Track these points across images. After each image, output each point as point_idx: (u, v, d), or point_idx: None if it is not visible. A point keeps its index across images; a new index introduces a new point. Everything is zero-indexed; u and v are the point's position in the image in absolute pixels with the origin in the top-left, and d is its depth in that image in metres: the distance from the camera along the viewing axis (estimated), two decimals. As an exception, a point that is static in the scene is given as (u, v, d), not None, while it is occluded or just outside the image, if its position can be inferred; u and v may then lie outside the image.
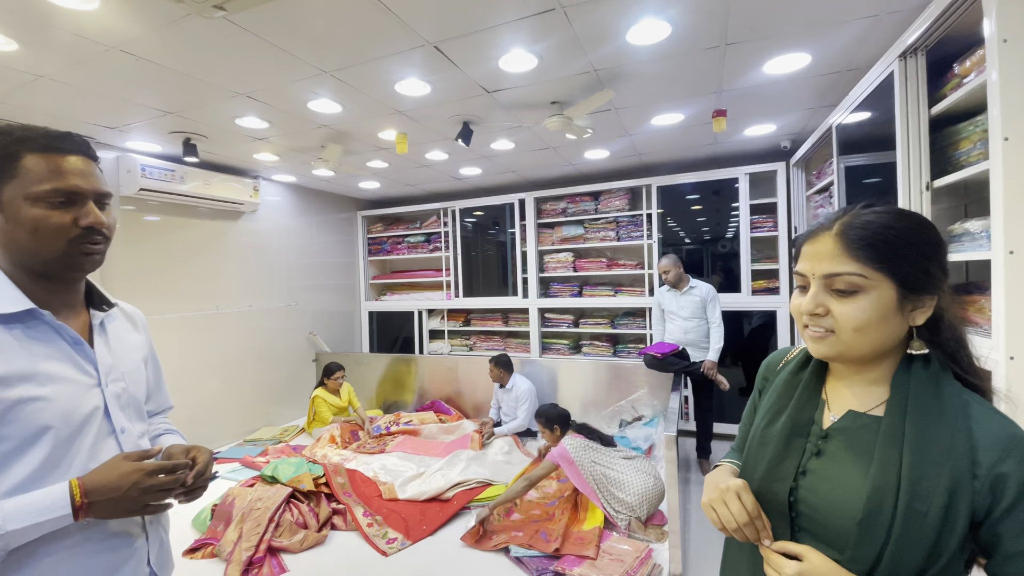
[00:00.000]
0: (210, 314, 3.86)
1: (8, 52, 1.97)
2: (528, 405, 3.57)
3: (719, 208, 4.18)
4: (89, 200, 0.82)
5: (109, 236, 0.86)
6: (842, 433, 0.73)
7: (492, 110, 2.80)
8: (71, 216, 0.81)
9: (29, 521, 0.71)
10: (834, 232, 0.71)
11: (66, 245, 0.81)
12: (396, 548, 2.35)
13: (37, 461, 0.77)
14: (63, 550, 0.79)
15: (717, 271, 4.20)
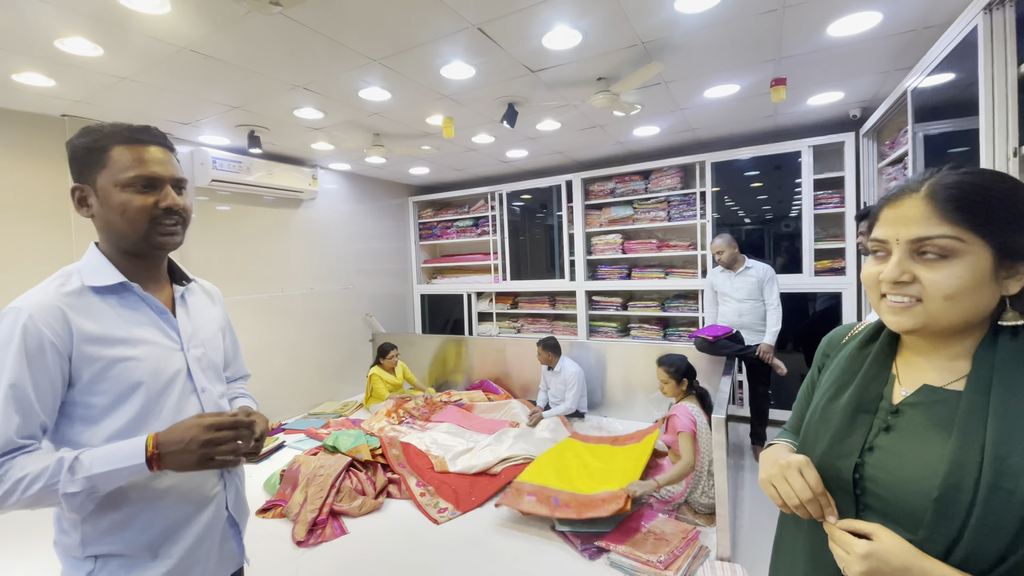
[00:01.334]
0: (276, 296, 4.13)
1: (96, 57, 2.17)
2: (577, 389, 3.58)
3: (780, 184, 3.95)
4: (167, 184, 0.93)
5: (186, 218, 0.97)
6: (916, 408, 0.69)
7: (537, 90, 2.78)
8: (152, 199, 0.91)
9: (110, 467, 0.80)
10: (923, 194, 0.66)
11: (148, 225, 0.91)
12: (447, 517, 2.47)
13: (132, 412, 0.88)
14: (155, 496, 0.90)
15: (779, 251, 3.99)
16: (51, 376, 0.83)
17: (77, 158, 0.91)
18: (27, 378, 0.80)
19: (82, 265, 0.93)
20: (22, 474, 0.77)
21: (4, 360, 0.80)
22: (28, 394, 0.80)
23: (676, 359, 2.66)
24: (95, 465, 0.79)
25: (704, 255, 4.08)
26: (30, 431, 0.81)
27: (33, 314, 0.82)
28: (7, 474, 0.77)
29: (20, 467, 0.77)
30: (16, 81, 2.33)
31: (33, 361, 0.81)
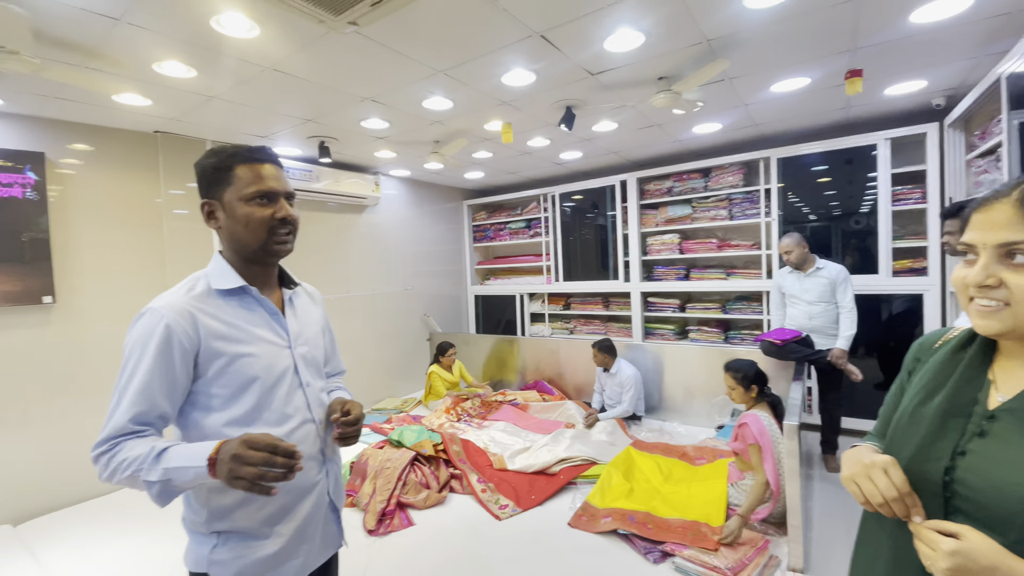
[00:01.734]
0: (342, 297, 4.35)
1: (189, 78, 2.38)
2: (633, 391, 3.55)
3: (851, 179, 3.73)
4: (281, 197, 1.04)
5: (296, 227, 1.08)
6: (1014, 414, 0.69)
7: (595, 92, 2.79)
8: (270, 211, 1.02)
9: (182, 463, 0.86)
10: (1013, 199, 0.67)
11: (267, 235, 1.02)
12: (508, 514, 2.52)
13: (249, 404, 0.99)
14: None
15: (849, 250, 3.78)
16: (177, 371, 0.93)
17: (206, 176, 1.03)
18: (156, 372, 0.91)
19: (209, 271, 1.04)
20: (124, 457, 0.87)
21: (141, 355, 0.91)
22: (153, 386, 0.91)
23: (744, 364, 2.57)
24: (173, 460, 0.86)
25: (769, 255, 3.93)
26: (147, 419, 0.91)
27: (166, 315, 0.93)
28: (116, 455, 0.87)
29: (127, 450, 0.87)
30: (116, 101, 2.58)
31: (163, 357, 0.92)
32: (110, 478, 0.88)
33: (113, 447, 0.88)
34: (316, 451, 1.09)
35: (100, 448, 0.89)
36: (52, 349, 2.77)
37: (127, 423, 0.89)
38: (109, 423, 0.90)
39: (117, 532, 2.48)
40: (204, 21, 1.86)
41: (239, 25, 1.90)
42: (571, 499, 2.63)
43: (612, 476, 2.69)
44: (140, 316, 0.95)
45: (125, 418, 0.89)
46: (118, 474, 0.87)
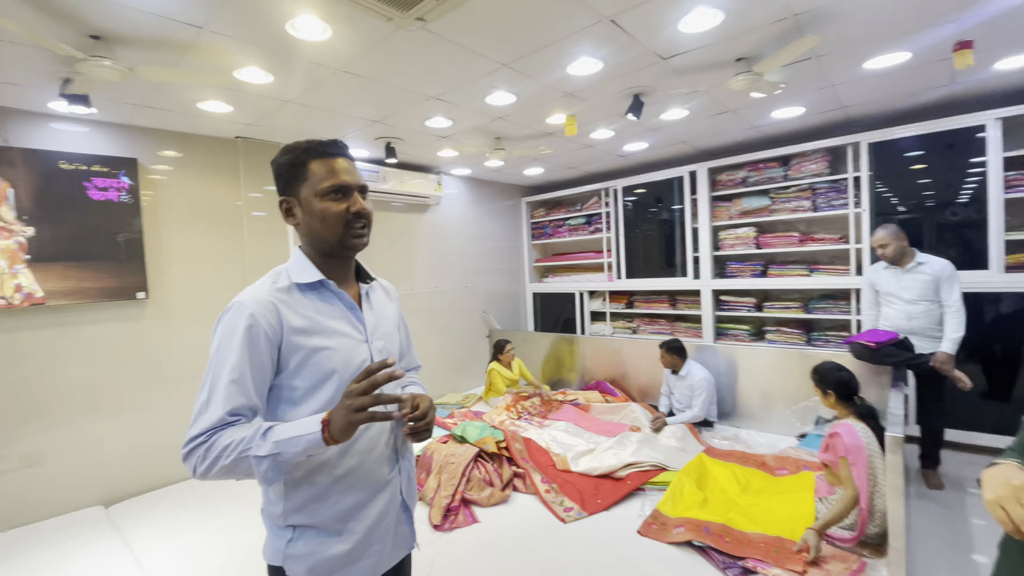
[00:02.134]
0: (407, 293, 4.45)
1: (266, 84, 2.48)
2: (705, 396, 3.35)
3: (952, 165, 3.33)
4: (355, 191, 1.03)
5: (370, 221, 1.07)
6: None
7: (666, 78, 2.64)
8: (345, 205, 1.01)
9: (293, 433, 0.86)
10: None
11: (343, 229, 1.02)
12: (573, 517, 2.44)
13: (327, 397, 0.98)
14: (340, 476, 1.00)
15: (947, 242, 3.38)
16: (263, 362, 0.94)
17: (282, 174, 1.03)
18: (246, 364, 0.92)
19: (289, 265, 1.05)
20: (227, 442, 0.86)
21: (230, 347, 0.92)
22: (247, 378, 0.92)
23: (826, 369, 2.37)
24: (283, 432, 0.88)
25: (859, 249, 3.59)
26: (242, 411, 0.92)
27: (252, 308, 0.94)
28: (215, 443, 0.86)
29: (227, 436, 0.87)
30: (200, 108, 2.75)
31: (252, 349, 0.92)
32: (208, 470, 0.86)
33: (210, 437, 0.87)
34: (389, 448, 1.08)
35: (196, 440, 0.88)
36: (144, 341, 3.00)
37: (224, 415, 0.89)
38: (203, 416, 0.89)
39: (202, 516, 2.64)
40: (280, 26, 1.92)
41: (312, 28, 1.94)
42: (639, 506, 2.51)
43: (684, 484, 2.55)
44: (227, 310, 0.97)
45: (222, 410, 0.89)
46: (220, 461, 0.86)
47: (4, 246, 2.51)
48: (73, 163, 2.71)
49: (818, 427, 3.18)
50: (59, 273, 2.67)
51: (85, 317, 2.80)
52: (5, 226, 2.52)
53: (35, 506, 2.63)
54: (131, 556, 2.27)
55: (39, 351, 2.66)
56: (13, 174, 2.53)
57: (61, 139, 2.74)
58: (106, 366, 2.87)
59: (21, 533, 2.50)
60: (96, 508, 2.75)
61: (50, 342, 2.69)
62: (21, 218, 2.55)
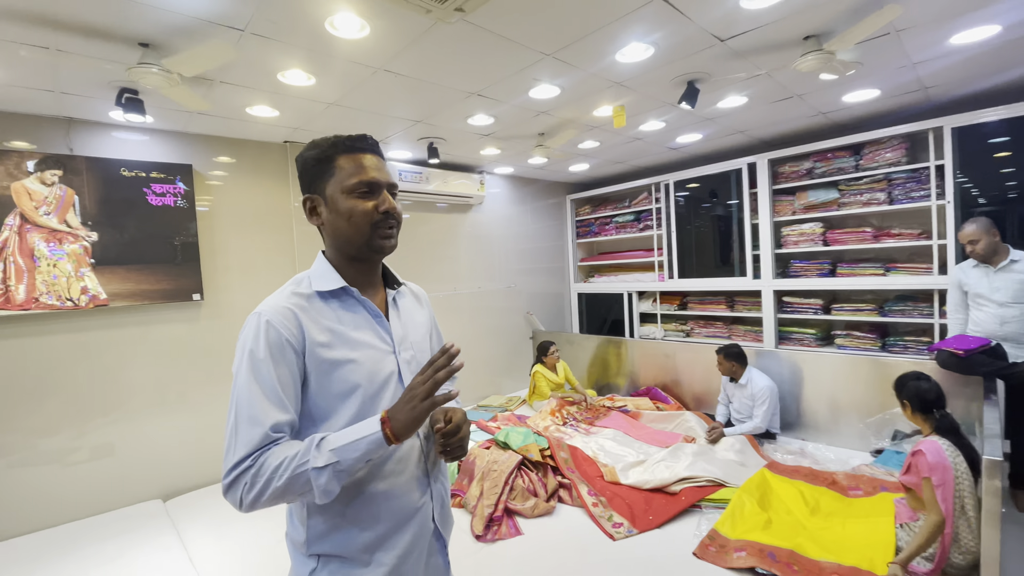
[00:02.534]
0: (450, 295, 4.41)
1: (309, 86, 2.48)
2: (768, 406, 3.09)
3: None
4: (384, 189, 0.96)
5: (399, 221, 0.99)
6: None
7: (724, 61, 2.44)
8: (373, 203, 0.94)
9: (351, 438, 0.82)
10: None
11: (371, 229, 0.94)
12: (623, 534, 2.30)
13: (350, 414, 0.90)
14: (366, 500, 0.91)
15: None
16: (293, 372, 0.87)
17: (307, 170, 0.96)
18: (275, 376, 0.85)
19: (311, 271, 0.98)
20: (277, 461, 0.79)
21: (256, 361, 0.85)
22: (279, 390, 0.85)
23: (905, 377, 2.12)
24: (338, 440, 0.82)
25: (943, 245, 3.22)
26: (283, 427, 0.85)
27: (271, 317, 0.87)
28: (264, 465, 0.79)
29: (276, 455, 0.81)
30: (249, 113, 2.79)
31: (279, 359, 0.86)
32: (258, 498, 0.79)
33: (256, 460, 0.80)
34: (420, 470, 0.99)
35: (240, 467, 0.80)
36: (201, 341, 3.09)
37: (267, 431, 0.82)
38: (240, 440, 0.81)
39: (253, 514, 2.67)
40: (319, 24, 1.89)
41: (351, 25, 1.90)
42: (695, 524, 2.33)
43: (745, 502, 2.34)
44: (246, 324, 0.90)
45: (263, 427, 0.82)
46: (273, 483, 0.79)
47: (71, 251, 2.64)
48: (133, 170, 2.82)
49: (896, 443, 2.87)
50: (121, 276, 2.78)
51: (145, 318, 2.91)
52: (71, 231, 2.65)
53: (102, 497, 2.76)
54: (184, 554, 2.33)
55: (105, 350, 2.79)
56: (78, 182, 2.65)
57: (122, 147, 2.86)
58: (166, 364, 2.99)
59: (86, 524, 2.62)
60: (155, 502, 2.86)
61: (114, 342, 2.82)
62: (86, 224, 2.68)
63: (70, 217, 2.64)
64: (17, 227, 2.53)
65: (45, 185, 2.58)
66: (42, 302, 2.57)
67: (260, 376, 0.84)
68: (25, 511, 2.55)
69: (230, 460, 0.81)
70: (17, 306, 2.52)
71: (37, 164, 2.56)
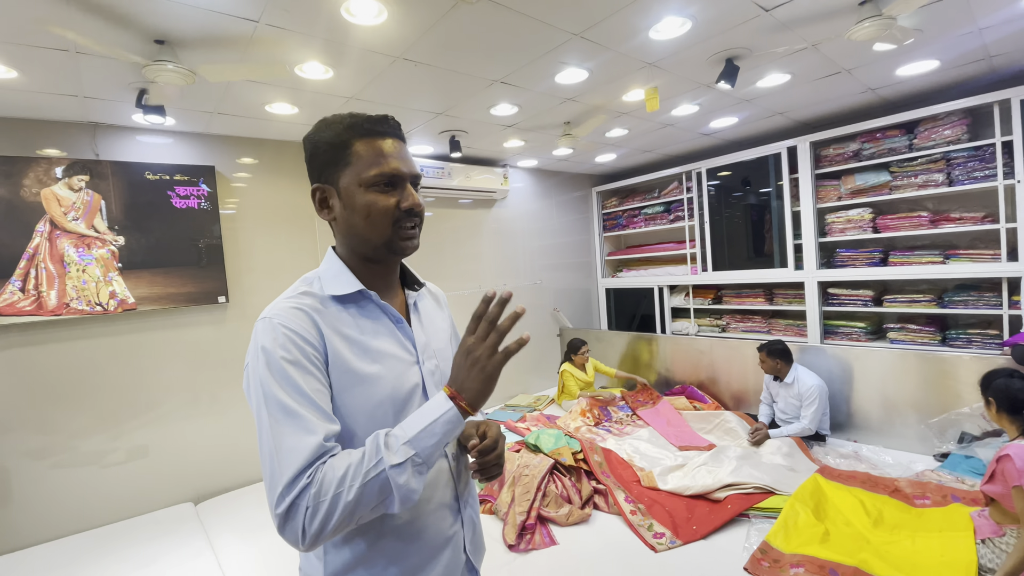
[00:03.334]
0: (474, 292, 4.31)
1: (327, 80, 2.39)
2: (817, 406, 2.88)
3: None
4: (407, 182, 0.83)
5: (423, 218, 0.86)
6: None
7: (766, 35, 2.25)
8: (394, 199, 0.82)
9: (423, 424, 0.71)
10: None
11: (391, 228, 0.82)
12: (665, 545, 2.15)
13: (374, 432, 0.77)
14: (394, 533, 0.81)
15: None
16: (323, 381, 0.76)
17: (318, 155, 0.83)
18: (306, 385, 0.73)
19: (321, 272, 0.87)
20: (340, 472, 0.67)
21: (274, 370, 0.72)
22: (315, 400, 0.73)
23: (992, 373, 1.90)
24: (408, 430, 0.72)
25: (1012, 229, 2.94)
26: (334, 436, 0.72)
27: (285, 321, 0.76)
28: (326, 478, 0.67)
29: (336, 467, 0.68)
30: (268, 111, 2.73)
31: (305, 368, 0.74)
32: (327, 520, 0.65)
33: (314, 476, 0.67)
34: (450, 495, 0.88)
35: (296, 487, 0.66)
36: (227, 343, 3.07)
37: (320, 441, 0.69)
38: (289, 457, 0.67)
39: (280, 517, 2.64)
40: (335, 11, 1.80)
41: (368, 10, 1.81)
42: (744, 535, 2.17)
43: (799, 512, 2.16)
44: (257, 332, 0.77)
45: (316, 436, 0.69)
46: (343, 497, 0.66)
47: (99, 255, 2.64)
48: (157, 173, 2.80)
49: (964, 446, 2.63)
50: (148, 280, 2.78)
51: (172, 321, 2.90)
52: (99, 236, 2.65)
53: (137, 498, 2.77)
54: (214, 559, 2.30)
55: (135, 353, 2.80)
56: (104, 186, 2.65)
57: (146, 151, 2.85)
58: (195, 367, 2.98)
59: (121, 528, 2.63)
60: (187, 505, 2.86)
61: (144, 345, 2.82)
62: (112, 228, 2.68)
63: (97, 222, 2.64)
64: (47, 233, 2.54)
65: (73, 191, 2.59)
66: (73, 307, 2.58)
67: (290, 386, 0.71)
68: (65, 513, 2.58)
69: (279, 485, 0.66)
70: (49, 312, 2.53)
71: (65, 170, 2.56)
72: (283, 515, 0.66)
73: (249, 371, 0.76)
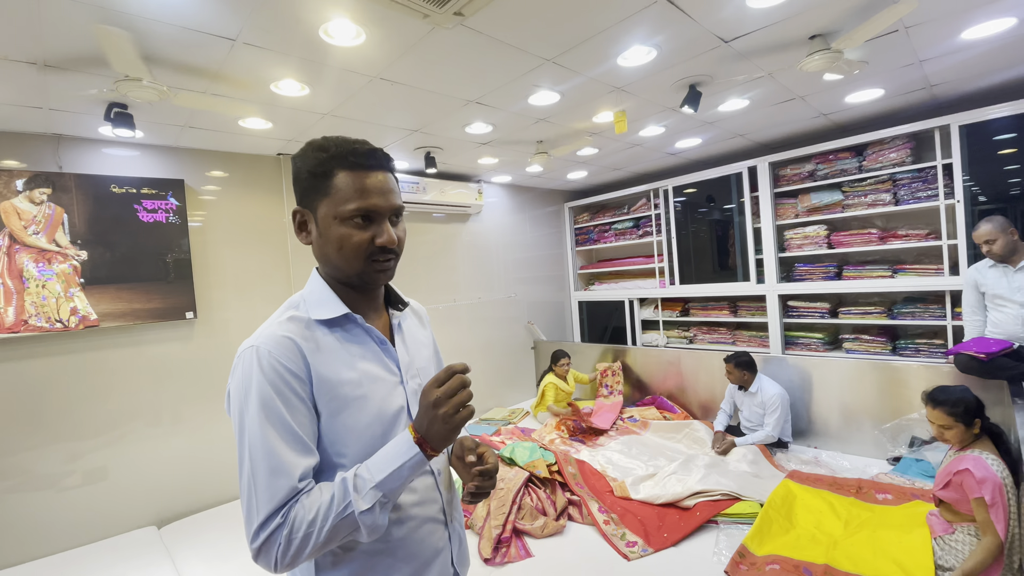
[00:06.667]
0: (449, 306, 4.33)
1: (303, 97, 2.41)
2: (780, 413, 3.01)
3: None
4: (386, 219, 0.84)
5: (399, 252, 0.88)
6: None
7: (727, 63, 2.39)
8: (369, 234, 0.82)
9: (390, 468, 0.74)
10: None
11: (363, 263, 0.83)
12: (637, 553, 2.21)
13: (359, 456, 0.80)
14: (385, 550, 0.82)
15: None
16: (308, 409, 0.78)
17: (300, 179, 0.85)
18: (290, 417, 0.75)
19: (307, 295, 0.88)
20: (311, 514, 0.71)
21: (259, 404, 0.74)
22: (297, 432, 0.75)
23: (959, 393, 1.95)
24: (375, 473, 0.74)
25: (953, 245, 3.16)
26: (308, 473, 0.75)
27: (272, 350, 0.77)
28: (297, 519, 0.71)
29: (306, 508, 0.72)
30: (242, 126, 2.72)
31: (290, 398, 0.76)
32: (297, 555, 0.70)
33: (287, 516, 0.71)
34: (437, 510, 0.90)
35: (270, 526, 0.71)
36: (195, 360, 3.00)
37: (295, 484, 0.72)
38: (264, 496, 0.71)
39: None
40: (314, 33, 1.83)
41: (345, 32, 1.84)
42: (713, 541, 2.24)
43: (772, 518, 2.25)
44: (239, 358, 0.79)
45: (290, 479, 0.72)
46: (313, 539, 0.70)
47: (60, 271, 2.56)
48: (124, 187, 2.74)
49: (914, 450, 2.79)
50: (112, 296, 2.70)
51: (137, 338, 2.82)
52: (61, 251, 2.57)
53: (96, 523, 2.65)
54: (179, 584, 2.22)
55: (96, 372, 2.70)
56: (67, 200, 2.58)
57: (112, 164, 2.79)
58: (159, 385, 2.89)
59: (80, 554, 2.51)
60: (150, 528, 2.75)
61: (106, 363, 2.73)
62: (75, 242, 2.60)
63: (59, 236, 2.57)
64: (6, 248, 2.45)
65: (34, 204, 2.51)
66: (31, 324, 2.49)
67: (273, 418, 0.74)
68: (21, 539, 2.45)
69: (254, 521, 0.71)
70: (6, 329, 2.43)
71: (26, 183, 2.48)
72: (257, 550, 0.72)
73: (233, 399, 0.78)
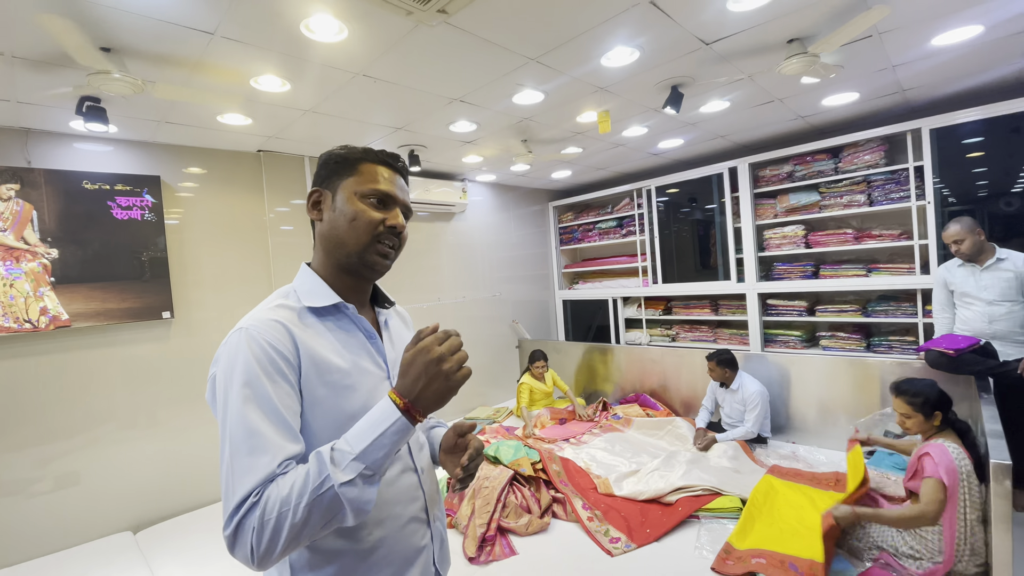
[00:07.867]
0: (434, 305, 4.32)
1: (283, 93, 2.37)
2: (760, 410, 3.07)
3: (1013, 152, 3.08)
4: (398, 207, 0.91)
5: (401, 245, 0.93)
6: None
7: (708, 66, 2.43)
8: (381, 215, 0.88)
9: (371, 437, 0.70)
10: None
11: (370, 240, 0.87)
12: (621, 549, 2.23)
13: None
14: (366, 551, 0.81)
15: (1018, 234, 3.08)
16: (295, 394, 0.76)
17: (328, 164, 0.91)
18: (276, 399, 0.73)
19: (297, 285, 0.89)
20: (286, 492, 0.66)
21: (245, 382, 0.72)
22: (282, 414, 0.73)
23: (923, 386, 2.04)
24: (355, 444, 0.70)
25: (924, 245, 3.26)
26: (292, 459, 0.71)
27: (261, 331, 0.76)
28: (271, 498, 0.66)
29: (282, 485, 0.67)
30: (220, 122, 2.66)
31: (276, 380, 0.74)
32: (274, 541, 0.65)
33: (260, 495, 0.67)
34: (419, 508, 0.90)
35: (243, 508, 0.66)
36: (171, 361, 2.93)
37: (274, 468, 0.69)
38: (241, 476, 0.68)
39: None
40: (294, 28, 1.80)
41: (328, 28, 1.82)
42: (695, 536, 2.28)
43: (755, 515, 2.29)
44: (226, 342, 0.78)
45: (271, 457, 0.69)
46: (288, 518, 0.65)
47: (29, 269, 2.48)
48: (96, 183, 2.67)
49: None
50: (84, 295, 2.62)
51: (111, 338, 2.75)
52: (29, 249, 2.48)
53: (68, 530, 2.58)
54: (156, 590, 2.17)
55: (68, 374, 2.62)
56: (36, 196, 2.50)
57: (84, 159, 2.71)
58: (134, 387, 2.82)
59: (51, 561, 2.44)
60: (125, 534, 2.68)
61: (78, 364, 2.65)
62: (45, 240, 2.52)
63: (28, 233, 2.48)
64: (-31, 245, 2.36)
65: (1, 200, 2.42)
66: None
67: (259, 399, 0.71)
68: (-18, 550, 2.37)
69: (229, 505, 0.67)
70: (-31, 330, 2.34)
71: (-9, 178, 2.39)
72: (231, 536, 0.66)
73: (218, 382, 0.76)
